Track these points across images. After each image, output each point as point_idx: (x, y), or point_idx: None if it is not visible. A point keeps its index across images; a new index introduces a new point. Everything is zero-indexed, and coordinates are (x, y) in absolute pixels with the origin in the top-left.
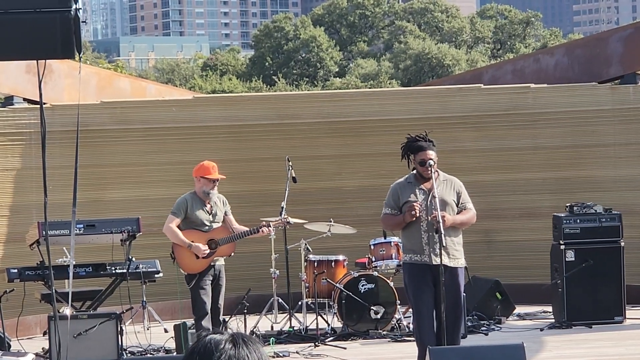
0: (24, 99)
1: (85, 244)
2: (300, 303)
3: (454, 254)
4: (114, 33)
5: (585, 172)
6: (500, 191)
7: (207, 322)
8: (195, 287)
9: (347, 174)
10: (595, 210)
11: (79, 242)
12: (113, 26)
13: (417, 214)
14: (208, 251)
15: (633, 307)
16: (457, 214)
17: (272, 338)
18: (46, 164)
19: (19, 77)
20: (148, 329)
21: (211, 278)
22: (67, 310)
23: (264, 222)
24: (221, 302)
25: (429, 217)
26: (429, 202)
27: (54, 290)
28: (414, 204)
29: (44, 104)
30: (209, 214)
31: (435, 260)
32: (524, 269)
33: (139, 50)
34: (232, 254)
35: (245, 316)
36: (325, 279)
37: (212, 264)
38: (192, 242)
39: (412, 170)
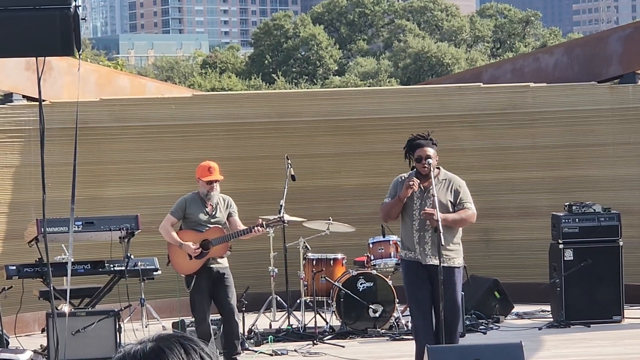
0: (23, 96)
1: (84, 242)
2: (298, 301)
3: (447, 254)
4: (114, 30)
5: (584, 171)
6: (498, 190)
7: (205, 326)
8: (193, 290)
9: (346, 172)
10: (594, 210)
11: (78, 240)
12: (113, 24)
13: (416, 188)
14: (199, 250)
15: (631, 306)
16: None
17: (270, 336)
18: (45, 161)
19: (18, 74)
20: (146, 327)
21: (210, 281)
22: (66, 308)
23: (259, 221)
24: (233, 302)
25: (422, 215)
26: (423, 201)
27: (52, 288)
28: (413, 178)
29: (43, 101)
30: (208, 215)
31: (426, 261)
32: (523, 268)
33: (138, 48)
34: (228, 252)
35: (243, 314)
36: (324, 277)
37: (209, 266)
38: (186, 242)
39: (413, 169)
